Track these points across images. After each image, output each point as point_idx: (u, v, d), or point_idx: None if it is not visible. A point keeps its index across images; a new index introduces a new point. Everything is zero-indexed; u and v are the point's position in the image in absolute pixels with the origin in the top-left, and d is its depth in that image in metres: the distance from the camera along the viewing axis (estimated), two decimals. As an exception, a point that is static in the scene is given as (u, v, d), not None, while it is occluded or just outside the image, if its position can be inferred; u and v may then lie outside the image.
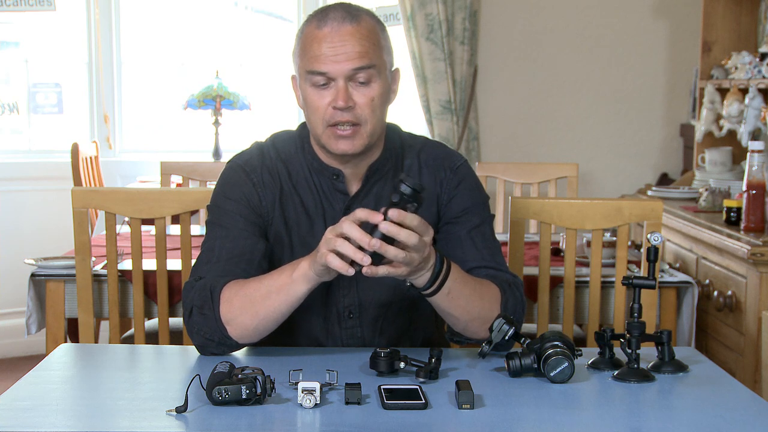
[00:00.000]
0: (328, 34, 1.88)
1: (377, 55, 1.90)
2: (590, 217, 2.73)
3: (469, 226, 2.01)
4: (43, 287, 2.93)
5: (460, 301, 1.85)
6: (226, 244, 1.94)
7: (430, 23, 4.86)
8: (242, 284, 1.86)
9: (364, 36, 1.88)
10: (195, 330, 1.88)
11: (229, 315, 1.84)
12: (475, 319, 1.89)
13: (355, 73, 1.88)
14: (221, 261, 1.92)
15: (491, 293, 1.91)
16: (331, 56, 1.87)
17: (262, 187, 1.99)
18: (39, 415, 1.58)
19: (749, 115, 3.89)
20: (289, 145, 2.03)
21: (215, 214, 1.99)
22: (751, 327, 3.04)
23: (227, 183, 2.01)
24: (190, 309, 1.88)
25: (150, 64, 5.29)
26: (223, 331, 1.85)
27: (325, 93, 1.89)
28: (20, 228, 4.93)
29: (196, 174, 4.00)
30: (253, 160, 2.01)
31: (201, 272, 1.93)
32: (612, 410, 1.68)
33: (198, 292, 1.88)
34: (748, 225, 3.22)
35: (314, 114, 1.92)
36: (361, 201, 1.99)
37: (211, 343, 1.87)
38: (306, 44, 1.90)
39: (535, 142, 5.12)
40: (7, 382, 3.02)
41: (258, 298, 1.82)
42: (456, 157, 2.07)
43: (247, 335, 1.86)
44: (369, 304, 2.01)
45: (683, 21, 5.03)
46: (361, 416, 1.57)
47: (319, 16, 1.91)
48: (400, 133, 2.07)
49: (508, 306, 1.92)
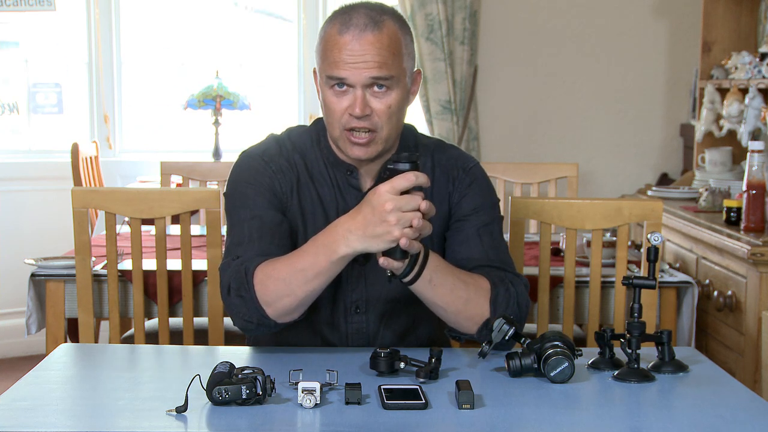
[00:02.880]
0: (349, 41, 1.87)
1: (397, 64, 1.90)
2: (590, 217, 2.73)
3: (477, 224, 2.03)
4: (43, 287, 2.93)
5: (443, 290, 1.86)
6: (254, 223, 1.95)
7: (430, 23, 4.86)
8: (274, 266, 1.86)
9: (384, 45, 1.88)
10: (234, 312, 1.90)
11: (267, 297, 1.85)
12: (462, 312, 1.90)
13: (374, 81, 1.89)
14: (254, 240, 1.93)
15: (478, 285, 1.92)
16: (351, 64, 1.87)
17: (281, 175, 2.00)
18: (39, 415, 1.58)
19: (749, 115, 3.89)
20: (305, 139, 2.05)
21: (237, 199, 1.99)
22: (751, 327, 3.04)
23: (247, 170, 2.01)
24: (228, 289, 1.89)
25: (150, 64, 5.29)
26: (262, 312, 1.86)
27: (343, 98, 1.90)
28: (20, 228, 4.93)
29: (196, 174, 4.00)
30: (270, 149, 2.03)
31: (237, 252, 1.93)
32: (612, 410, 1.68)
33: (234, 273, 1.89)
34: (748, 225, 3.22)
35: (331, 116, 1.93)
36: None
37: (251, 325, 1.89)
38: (327, 47, 1.90)
39: (535, 142, 5.12)
40: (7, 382, 3.02)
41: (296, 282, 1.83)
42: (469, 159, 2.10)
43: (287, 315, 1.88)
44: (377, 299, 2.02)
45: (683, 21, 5.03)
46: (361, 416, 1.57)
47: (342, 18, 1.90)
48: (415, 134, 2.09)
49: (498, 299, 1.92)
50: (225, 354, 1.97)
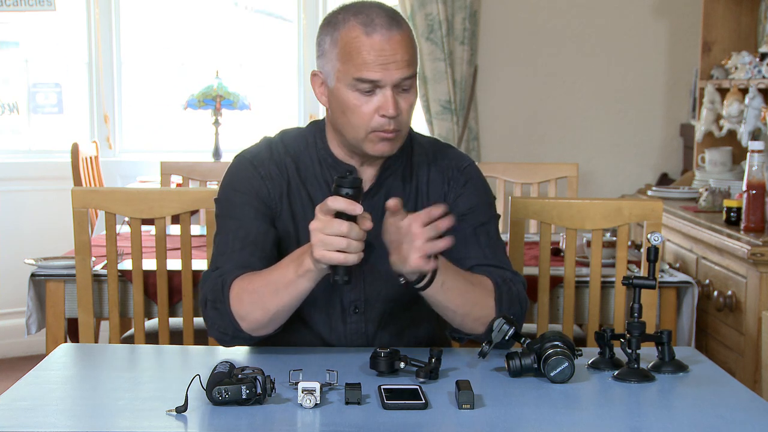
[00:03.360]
0: (378, 42, 1.86)
1: (417, 61, 1.93)
2: (590, 217, 2.73)
3: (474, 223, 2.02)
4: (43, 287, 2.93)
5: (453, 294, 1.86)
6: (239, 233, 1.95)
7: (430, 23, 4.86)
8: (250, 279, 1.87)
9: (408, 43, 1.89)
10: (210, 324, 1.91)
11: (241, 311, 1.86)
12: (470, 314, 1.90)
13: (402, 81, 1.89)
14: (236, 251, 1.94)
15: (484, 286, 1.92)
16: (382, 65, 1.86)
17: (270, 180, 2.00)
18: (39, 415, 1.58)
19: (749, 115, 3.89)
20: (298, 141, 2.05)
21: (225, 207, 2.01)
22: (751, 327, 3.04)
23: (235, 176, 2.02)
24: (205, 301, 1.91)
25: (150, 64, 5.29)
26: (236, 326, 1.87)
27: (371, 99, 1.89)
28: (20, 228, 4.93)
29: (196, 174, 4.00)
30: (261, 153, 2.03)
31: (218, 263, 1.95)
32: (612, 410, 1.68)
33: (212, 285, 1.90)
34: (748, 225, 3.22)
35: (357, 119, 1.90)
36: (373, 197, 2.00)
37: (226, 337, 1.90)
38: (353, 49, 1.87)
39: (535, 142, 5.12)
40: (7, 382, 3.02)
41: (266, 294, 1.83)
42: (465, 158, 2.10)
43: (261, 329, 1.88)
44: (375, 300, 2.02)
45: (683, 21, 5.03)
46: (361, 416, 1.57)
47: (363, 19, 1.87)
48: (411, 132, 2.09)
49: (503, 300, 1.92)
50: (225, 354, 1.96)
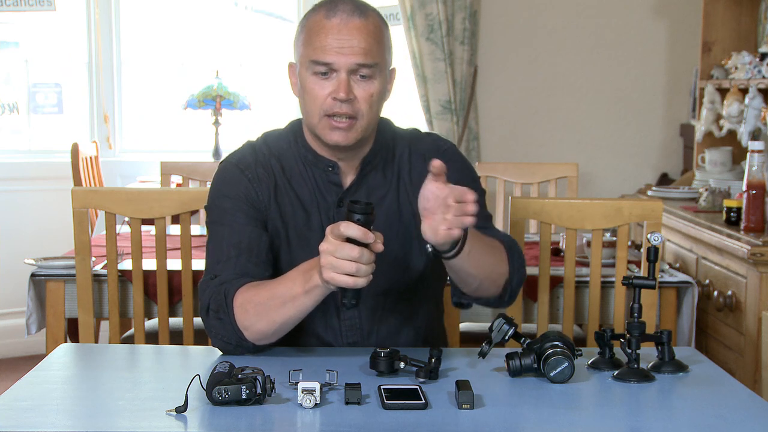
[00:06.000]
0: (336, 25, 1.90)
1: (380, 54, 1.93)
2: (590, 217, 2.73)
3: None
4: (43, 287, 2.93)
5: (477, 259, 1.86)
6: (232, 240, 1.96)
7: (430, 23, 4.86)
8: (256, 291, 1.87)
9: (370, 32, 1.91)
10: (213, 333, 1.91)
11: (245, 322, 1.86)
12: (489, 277, 1.91)
13: (358, 68, 1.90)
14: (232, 258, 1.94)
15: (499, 248, 1.96)
16: (337, 48, 1.89)
17: (258, 183, 2.01)
18: (39, 415, 1.58)
19: (749, 115, 3.89)
20: (281, 142, 2.06)
21: (215, 214, 2.01)
22: (751, 327, 3.04)
23: (223, 182, 2.03)
24: (207, 309, 1.90)
25: (150, 64, 5.29)
26: (240, 336, 1.87)
27: (326, 83, 1.91)
28: (20, 228, 4.93)
29: (196, 174, 4.01)
30: (246, 157, 2.04)
31: (216, 270, 1.95)
32: (612, 410, 1.68)
33: (213, 293, 1.90)
34: (748, 225, 3.22)
35: (312, 102, 1.93)
36: (354, 193, 2.01)
37: (229, 346, 1.90)
38: (312, 33, 1.92)
39: (535, 142, 5.12)
40: (7, 382, 3.02)
41: (273, 307, 1.84)
42: (445, 142, 2.11)
43: (264, 339, 1.89)
44: (366, 294, 2.00)
45: (683, 21, 5.03)
46: (361, 416, 1.57)
47: (327, 6, 1.93)
48: (391, 127, 2.10)
49: (514, 259, 1.96)
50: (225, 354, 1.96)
